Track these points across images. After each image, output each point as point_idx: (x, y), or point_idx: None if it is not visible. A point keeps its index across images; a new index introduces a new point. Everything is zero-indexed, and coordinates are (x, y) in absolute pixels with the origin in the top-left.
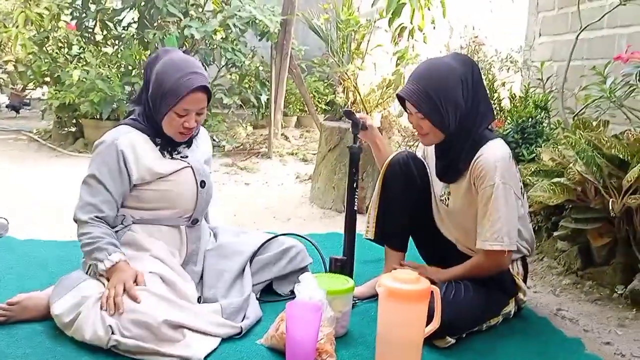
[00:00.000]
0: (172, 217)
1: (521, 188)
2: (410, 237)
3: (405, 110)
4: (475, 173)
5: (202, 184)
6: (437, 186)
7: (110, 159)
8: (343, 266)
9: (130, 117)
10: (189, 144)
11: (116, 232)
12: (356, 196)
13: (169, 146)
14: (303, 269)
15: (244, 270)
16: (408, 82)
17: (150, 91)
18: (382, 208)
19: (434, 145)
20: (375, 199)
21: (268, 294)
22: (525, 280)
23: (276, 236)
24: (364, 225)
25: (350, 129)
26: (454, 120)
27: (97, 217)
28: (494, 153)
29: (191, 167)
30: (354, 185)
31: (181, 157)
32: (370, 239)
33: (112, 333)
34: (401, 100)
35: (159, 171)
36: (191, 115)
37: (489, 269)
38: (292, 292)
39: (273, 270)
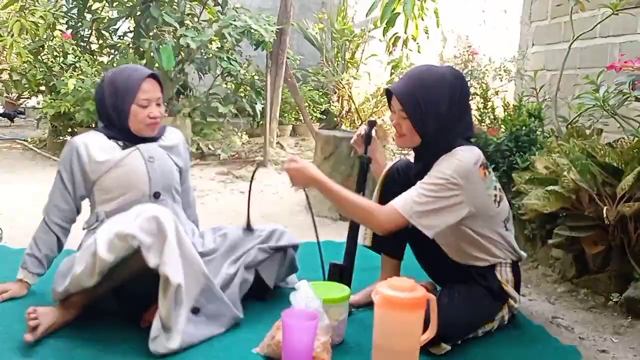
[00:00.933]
0: (136, 200)
1: (496, 196)
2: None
3: (390, 107)
4: (435, 164)
5: (151, 159)
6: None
7: (67, 157)
8: (342, 272)
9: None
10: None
11: (93, 228)
12: None
13: (130, 145)
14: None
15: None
16: (399, 80)
17: (107, 101)
18: None
19: None
20: None
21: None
22: (518, 287)
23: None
24: (361, 234)
25: (363, 139)
26: (433, 128)
27: (53, 216)
28: (461, 155)
29: (137, 149)
30: (362, 195)
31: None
32: (366, 246)
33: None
34: (388, 96)
35: (110, 158)
36: (152, 105)
37: (373, 221)
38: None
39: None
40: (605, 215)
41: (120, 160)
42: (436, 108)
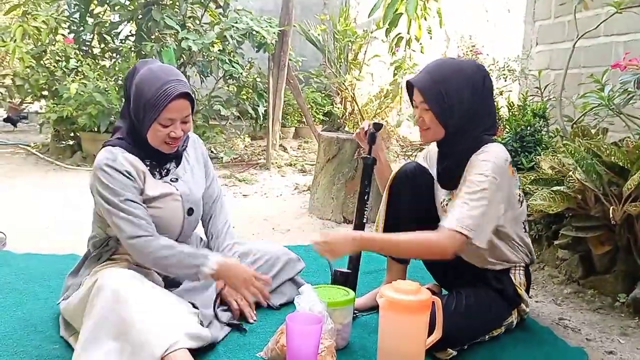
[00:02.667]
0: None
1: (519, 195)
2: None
3: (411, 102)
4: (469, 165)
5: (190, 211)
6: (440, 193)
7: (121, 178)
8: (346, 280)
9: (117, 136)
10: (177, 161)
11: (110, 249)
12: (366, 208)
13: (158, 167)
14: (293, 280)
15: None
16: (419, 72)
17: (132, 105)
18: (389, 220)
19: (436, 151)
20: (382, 211)
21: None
22: (528, 291)
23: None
24: None
25: (367, 140)
26: (456, 118)
27: (150, 229)
28: (493, 151)
29: (179, 194)
30: (365, 198)
31: (171, 180)
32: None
33: None
34: (409, 90)
35: (147, 192)
36: (176, 124)
37: (436, 249)
38: (282, 305)
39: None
40: (611, 215)
41: (158, 199)
42: (458, 97)
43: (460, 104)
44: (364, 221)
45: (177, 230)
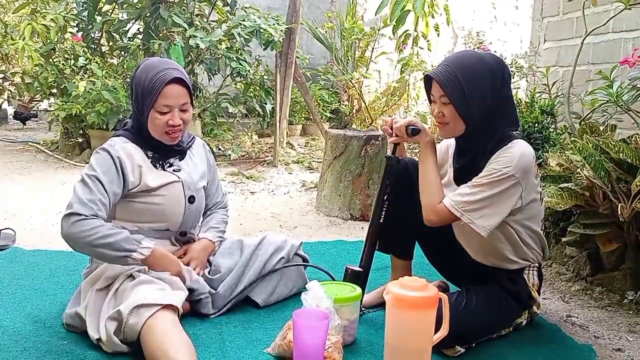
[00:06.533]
0: (160, 230)
1: (540, 194)
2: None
3: (429, 98)
4: (491, 160)
5: (191, 199)
6: (451, 188)
7: (108, 162)
8: (357, 277)
9: (123, 128)
10: (181, 155)
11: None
12: (384, 208)
13: (161, 159)
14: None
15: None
16: (438, 65)
17: (133, 97)
18: (386, 219)
19: (447, 148)
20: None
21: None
22: (539, 291)
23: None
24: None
25: (406, 135)
26: (478, 112)
27: (95, 215)
28: (519, 148)
29: (181, 181)
30: (384, 198)
31: (173, 170)
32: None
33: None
34: (427, 84)
35: (148, 183)
36: (174, 112)
37: (427, 208)
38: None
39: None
40: (619, 213)
41: (160, 188)
42: (479, 90)
43: (481, 97)
44: (381, 221)
45: (179, 219)
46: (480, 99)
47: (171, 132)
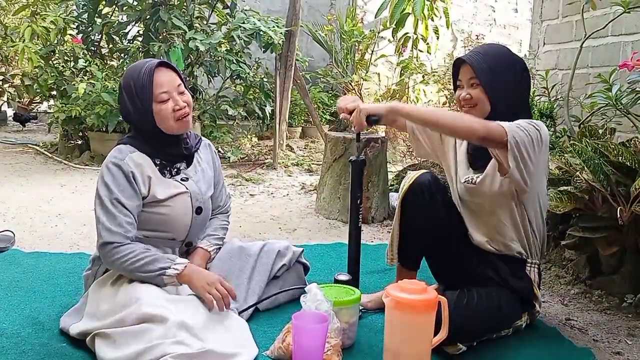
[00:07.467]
0: (166, 239)
1: (547, 175)
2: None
3: (454, 85)
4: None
5: (199, 210)
6: (462, 172)
7: (122, 179)
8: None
9: (128, 134)
10: (189, 161)
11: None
12: (360, 212)
13: (168, 165)
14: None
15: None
16: (467, 53)
17: (128, 102)
18: (404, 235)
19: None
20: (396, 229)
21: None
22: (538, 288)
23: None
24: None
25: (367, 125)
26: (503, 96)
27: (125, 237)
28: (538, 122)
29: (189, 192)
30: (358, 202)
31: (181, 179)
32: (393, 265)
33: None
34: (456, 69)
35: (156, 195)
36: (174, 96)
37: (475, 124)
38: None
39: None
40: (618, 216)
41: (168, 199)
42: (506, 75)
43: (506, 83)
44: (359, 224)
45: (185, 229)
46: (505, 84)
47: (181, 116)
